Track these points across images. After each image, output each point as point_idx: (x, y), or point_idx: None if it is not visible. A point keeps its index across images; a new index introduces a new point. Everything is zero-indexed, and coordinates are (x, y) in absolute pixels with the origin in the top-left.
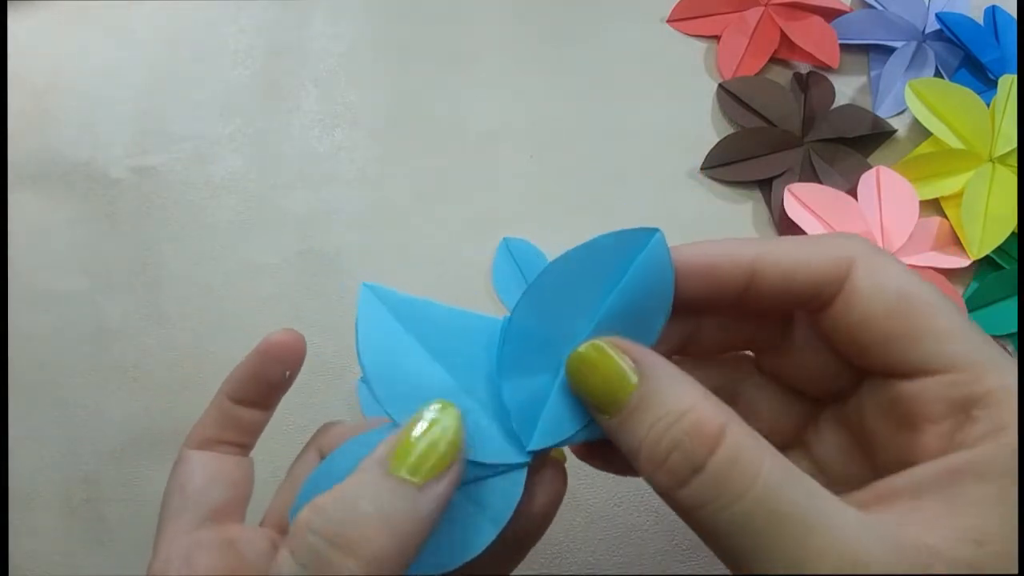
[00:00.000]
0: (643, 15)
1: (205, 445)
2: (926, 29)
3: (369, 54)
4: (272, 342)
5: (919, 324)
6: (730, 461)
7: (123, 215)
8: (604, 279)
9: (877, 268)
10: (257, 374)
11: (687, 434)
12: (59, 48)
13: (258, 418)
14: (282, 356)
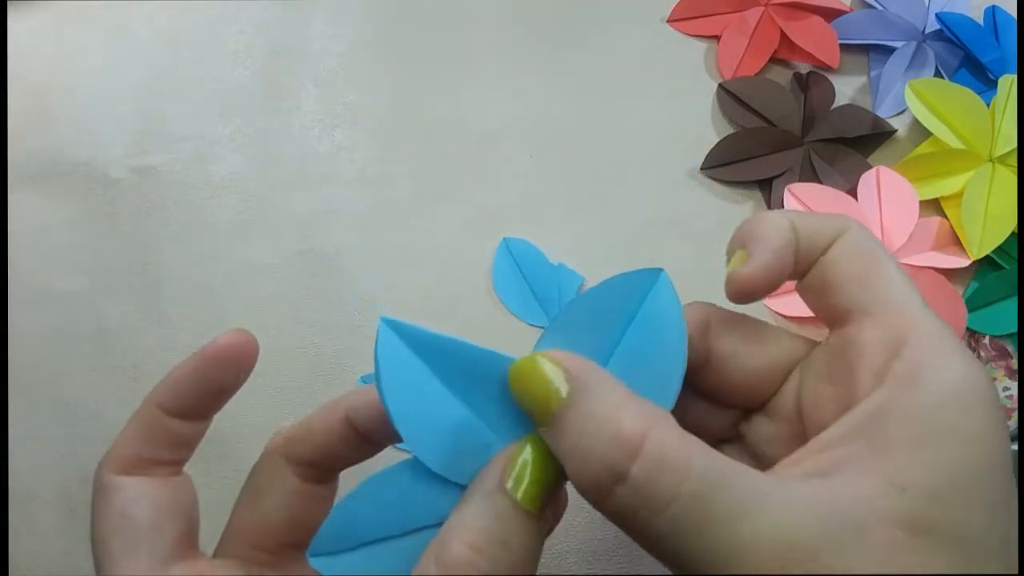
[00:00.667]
0: (643, 15)
1: (135, 468)
2: (926, 29)
3: (369, 54)
4: (223, 344)
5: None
6: (655, 466)
7: (123, 215)
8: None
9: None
10: (204, 380)
11: (608, 443)
12: (59, 48)
13: (197, 431)
14: (235, 357)
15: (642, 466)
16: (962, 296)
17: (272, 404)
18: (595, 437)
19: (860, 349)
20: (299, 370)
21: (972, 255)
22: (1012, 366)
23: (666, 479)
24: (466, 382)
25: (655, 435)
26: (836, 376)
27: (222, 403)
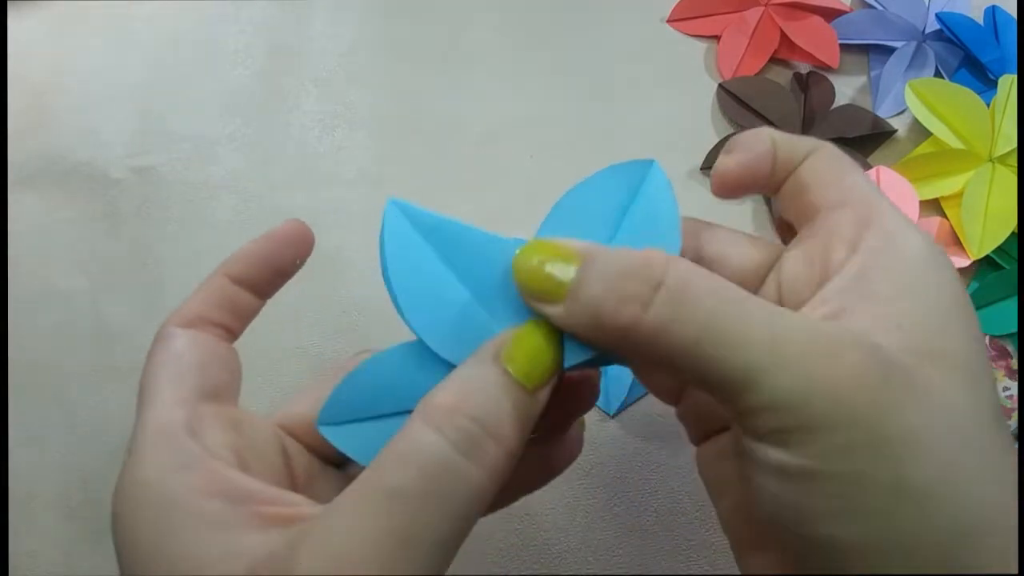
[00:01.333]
0: (643, 15)
1: (195, 323)
2: (926, 29)
3: (369, 54)
4: (285, 228)
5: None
6: (686, 277)
7: (123, 215)
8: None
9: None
10: (268, 256)
11: (640, 266)
12: (59, 48)
13: (254, 304)
14: (295, 241)
15: (674, 275)
16: None
17: (272, 404)
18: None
19: (832, 229)
20: (299, 370)
21: (972, 255)
22: (1012, 366)
23: (697, 286)
24: (470, 266)
25: (678, 259)
26: (812, 257)
27: (280, 283)
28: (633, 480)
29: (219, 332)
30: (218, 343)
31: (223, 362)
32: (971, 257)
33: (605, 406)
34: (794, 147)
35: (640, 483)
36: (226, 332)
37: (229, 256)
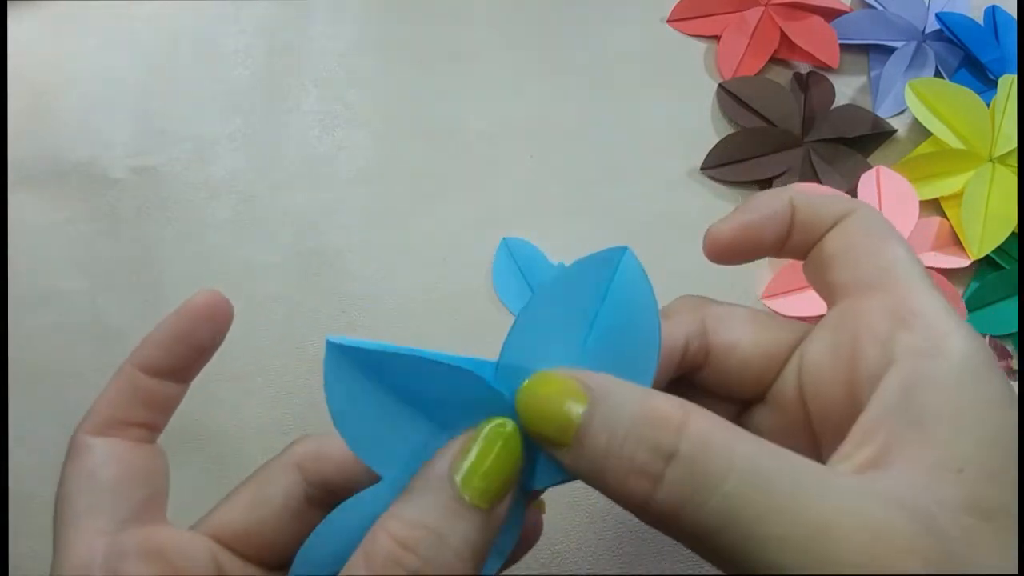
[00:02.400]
0: (643, 15)
1: (110, 429)
2: (926, 29)
3: (369, 54)
4: (200, 301)
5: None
6: (702, 443)
7: (123, 215)
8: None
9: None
10: (183, 337)
11: (650, 427)
12: (59, 48)
13: (175, 393)
14: (212, 314)
15: (689, 443)
16: (962, 296)
17: (272, 404)
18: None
19: (862, 321)
20: (299, 370)
21: (972, 255)
22: (1012, 366)
23: (714, 457)
24: (429, 397)
25: (695, 415)
26: (838, 351)
27: (199, 364)
28: None
29: (139, 433)
30: (137, 450)
31: (144, 473)
32: (971, 257)
33: None
34: (819, 211)
35: None
36: (147, 431)
37: (137, 345)
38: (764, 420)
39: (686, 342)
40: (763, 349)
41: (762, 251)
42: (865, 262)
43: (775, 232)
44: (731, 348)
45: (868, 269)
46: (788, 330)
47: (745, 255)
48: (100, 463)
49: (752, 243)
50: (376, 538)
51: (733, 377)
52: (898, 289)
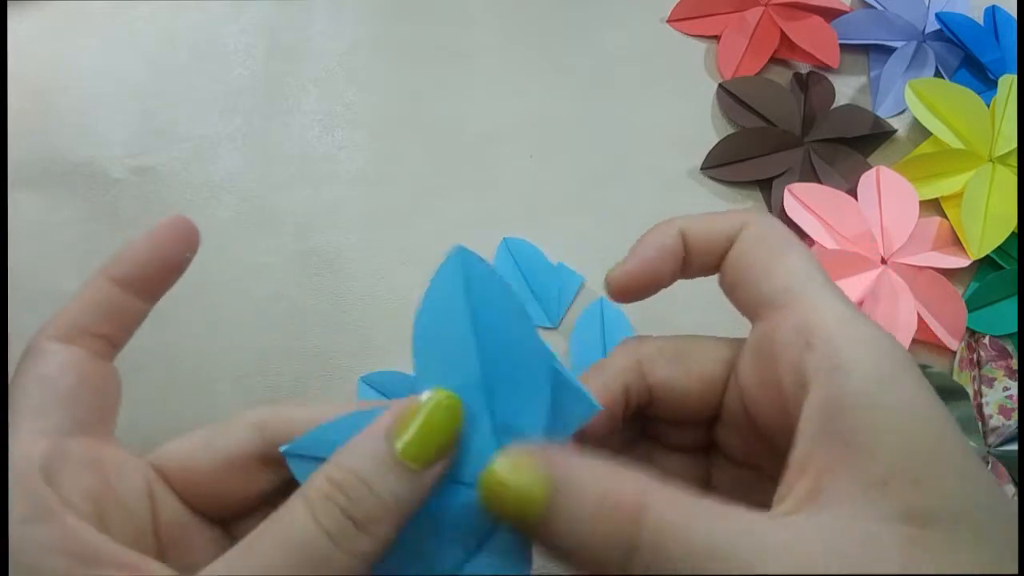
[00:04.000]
0: (643, 15)
1: (71, 337)
2: (926, 29)
3: (369, 54)
4: (169, 222)
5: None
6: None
7: (123, 215)
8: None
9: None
10: (156, 253)
11: (610, 520)
12: (59, 48)
13: (140, 309)
14: (182, 235)
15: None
16: (962, 296)
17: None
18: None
19: (776, 345)
20: (299, 370)
21: (972, 255)
22: (1012, 366)
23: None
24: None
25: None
26: (764, 376)
27: (167, 282)
28: None
29: (99, 345)
30: (95, 362)
31: (99, 386)
32: (971, 257)
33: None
34: (712, 233)
35: None
36: (108, 345)
37: (110, 258)
38: (728, 434)
39: (625, 388)
40: (697, 376)
41: (663, 284)
42: (764, 280)
43: (670, 265)
44: (668, 383)
45: (768, 288)
46: (717, 350)
47: (647, 292)
48: (56, 369)
49: (650, 280)
50: (314, 479)
51: (679, 407)
52: (798, 306)
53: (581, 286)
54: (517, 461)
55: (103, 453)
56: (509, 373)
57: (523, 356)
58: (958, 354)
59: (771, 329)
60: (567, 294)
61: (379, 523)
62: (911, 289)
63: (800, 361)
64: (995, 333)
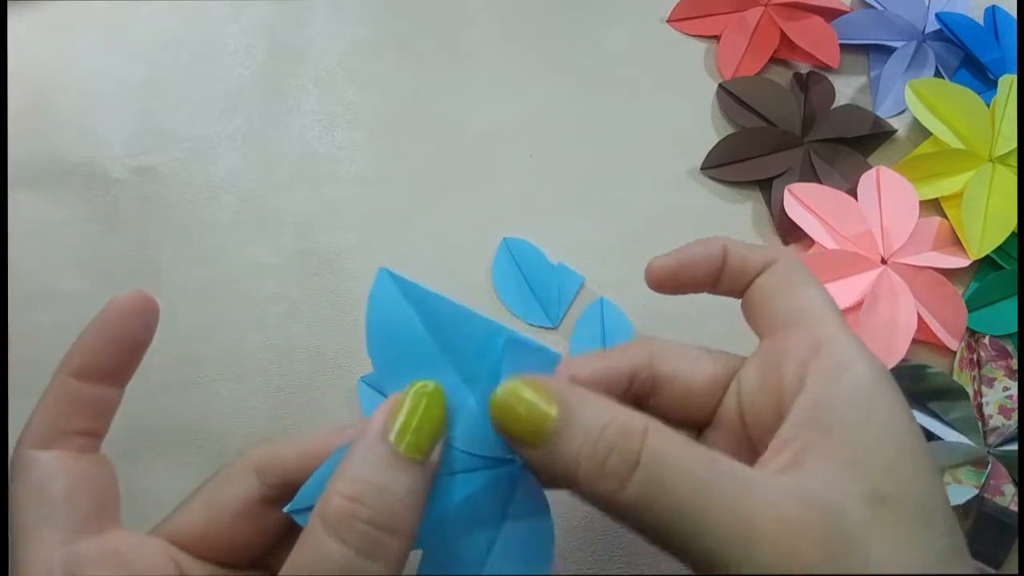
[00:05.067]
0: (643, 15)
1: (52, 441)
2: (926, 29)
3: (369, 54)
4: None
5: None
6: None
7: (123, 215)
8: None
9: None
10: (113, 337)
11: (620, 435)
12: (59, 48)
13: (111, 396)
14: (140, 309)
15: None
16: (962, 296)
17: (272, 404)
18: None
19: (785, 353)
20: (299, 370)
21: (972, 255)
22: (1012, 366)
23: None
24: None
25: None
26: (766, 378)
27: (135, 363)
28: None
29: (82, 442)
30: (82, 460)
31: (92, 483)
32: (971, 257)
33: None
34: (747, 259)
35: None
36: (90, 438)
37: (66, 354)
38: (715, 440)
39: (632, 371)
40: (704, 378)
41: (695, 286)
42: (786, 304)
43: (706, 271)
44: (674, 377)
45: (789, 310)
46: (726, 362)
47: (681, 287)
48: (47, 477)
49: (687, 277)
50: (328, 499)
51: (679, 403)
52: (812, 326)
53: (581, 286)
54: (531, 381)
55: (117, 543)
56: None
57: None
58: (958, 354)
59: (783, 340)
60: (567, 294)
61: (404, 521)
62: (911, 289)
63: (805, 363)
64: (995, 333)
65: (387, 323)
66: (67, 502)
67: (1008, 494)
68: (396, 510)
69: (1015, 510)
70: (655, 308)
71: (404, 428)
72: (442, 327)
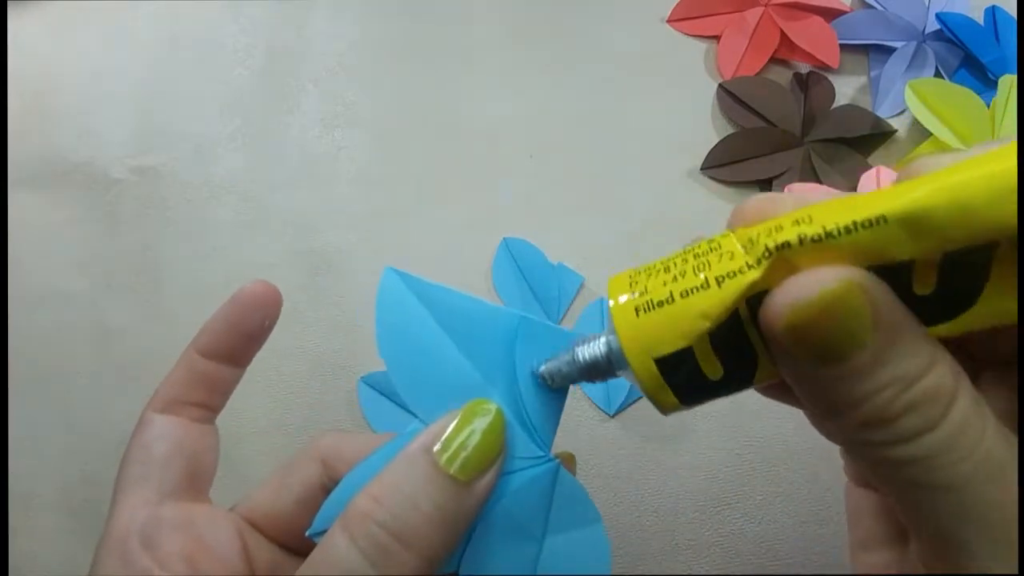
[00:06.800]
0: (643, 15)
1: (171, 408)
2: (926, 29)
3: (369, 54)
4: (248, 291)
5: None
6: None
7: (123, 215)
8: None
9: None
10: (234, 324)
11: (924, 396)
12: (59, 48)
13: (230, 376)
14: (261, 303)
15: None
16: None
17: (272, 404)
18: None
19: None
20: (299, 370)
21: None
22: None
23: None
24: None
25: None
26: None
27: (254, 349)
28: (633, 480)
29: (198, 412)
30: (191, 427)
31: (192, 451)
32: None
33: (605, 406)
34: None
35: (640, 483)
36: (205, 411)
37: (198, 332)
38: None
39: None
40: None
41: None
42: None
43: None
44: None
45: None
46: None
47: None
48: (155, 438)
49: None
50: (356, 499)
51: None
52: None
53: (581, 286)
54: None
55: (195, 514)
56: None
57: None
58: None
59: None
60: (567, 294)
61: (423, 538)
62: None
63: None
64: None
65: (399, 325)
66: (165, 464)
67: None
68: (417, 523)
69: None
70: None
71: (448, 443)
72: (457, 323)
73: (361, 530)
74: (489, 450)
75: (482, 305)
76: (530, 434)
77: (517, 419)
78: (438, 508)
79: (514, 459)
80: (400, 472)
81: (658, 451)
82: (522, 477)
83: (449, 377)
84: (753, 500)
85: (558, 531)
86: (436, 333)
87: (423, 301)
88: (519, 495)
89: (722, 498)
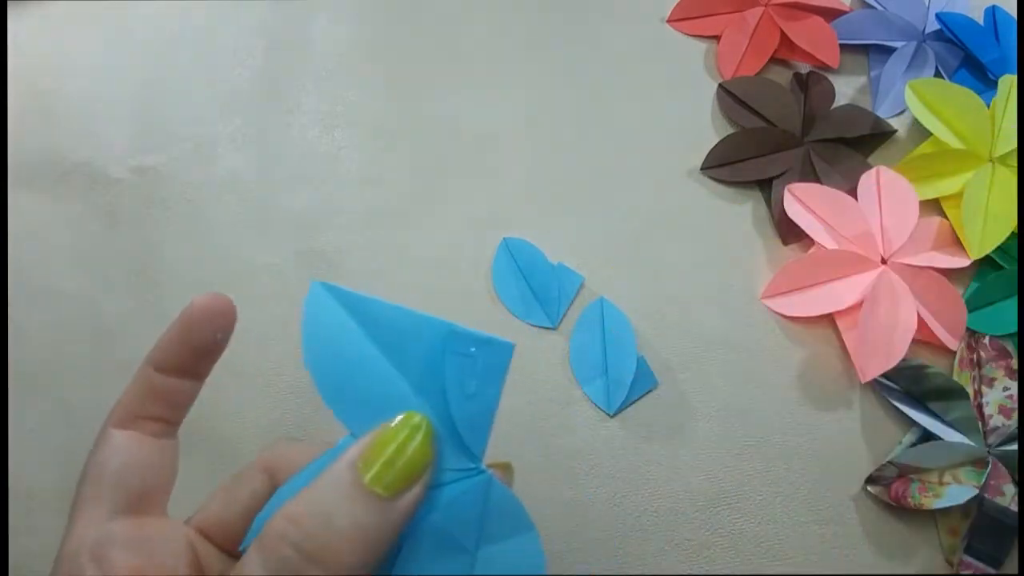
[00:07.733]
0: (643, 15)
1: (128, 422)
2: (926, 29)
3: (369, 54)
4: (198, 305)
5: None
6: None
7: (123, 215)
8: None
9: None
10: (186, 339)
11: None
12: (59, 48)
13: (188, 389)
14: (212, 317)
15: None
16: (962, 296)
17: (272, 404)
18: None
19: None
20: (299, 370)
21: (972, 255)
22: (1012, 366)
23: None
24: (400, 348)
25: None
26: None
27: (208, 363)
28: (633, 480)
29: (156, 427)
30: (147, 443)
31: (146, 466)
32: (971, 257)
33: (605, 406)
34: None
35: (640, 483)
36: (164, 424)
37: (155, 344)
38: None
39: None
40: None
41: None
42: None
43: None
44: None
45: None
46: None
47: None
48: (110, 452)
49: None
50: (273, 517)
51: None
52: None
53: (581, 286)
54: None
55: (147, 528)
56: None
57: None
58: (958, 354)
59: None
60: (567, 294)
61: (336, 555)
62: (911, 289)
63: None
64: (995, 333)
65: (326, 337)
66: (116, 481)
67: (1008, 494)
68: (331, 542)
69: (1015, 510)
70: (655, 308)
71: (372, 457)
72: (386, 335)
73: (273, 551)
74: (416, 463)
75: (412, 316)
76: (461, 445)
77: (447, 430)
78: (356, 526)
79: (444, 471)
80: (321, 488)
81: (658, 451)
82: (453, 490)
83: (378, 389)
84: (753, 500)
85: (492, 542)
86: (365, 345)
87: (352, 314)
88: (450, 508)
89: (722, 498)
